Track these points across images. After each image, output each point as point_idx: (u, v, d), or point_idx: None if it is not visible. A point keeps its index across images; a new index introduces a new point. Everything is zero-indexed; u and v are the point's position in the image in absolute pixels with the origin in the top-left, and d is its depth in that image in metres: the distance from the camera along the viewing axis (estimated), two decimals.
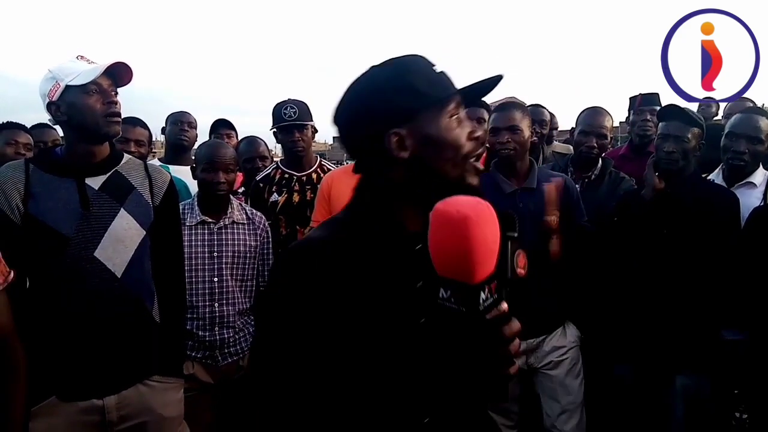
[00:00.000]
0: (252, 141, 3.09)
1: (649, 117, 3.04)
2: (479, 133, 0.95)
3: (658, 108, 3.04)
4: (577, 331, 2.22)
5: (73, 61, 1.59)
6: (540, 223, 2.06)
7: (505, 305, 0.76)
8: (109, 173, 1.65)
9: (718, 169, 2.37)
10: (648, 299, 2.07)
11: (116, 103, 1.59)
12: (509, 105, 2.29)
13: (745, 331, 1.98)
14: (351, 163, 2.32)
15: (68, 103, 1.56)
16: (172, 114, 3.08)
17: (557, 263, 2.07)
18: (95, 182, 1.61)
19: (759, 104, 3.40)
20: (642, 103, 3.14)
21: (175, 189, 1.82)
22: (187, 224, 2.12)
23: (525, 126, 2.14)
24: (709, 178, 2.35)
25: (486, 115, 3.02)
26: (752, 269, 1.90)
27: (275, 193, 2.60)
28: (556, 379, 2.16)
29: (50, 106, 1.59)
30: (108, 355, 1.59)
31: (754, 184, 2.20)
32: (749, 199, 2.12)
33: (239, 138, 3.46)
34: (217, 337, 2.13)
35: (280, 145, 2.77)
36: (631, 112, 3.26)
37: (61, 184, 1.57)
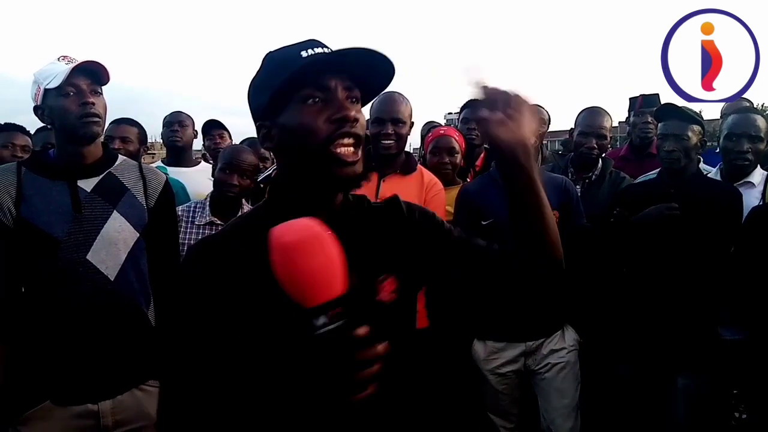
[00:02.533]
0: (252, 143, 3.17)
1: (650, 119, 3.18)
2: (343, 113, 0.88)
3: None
4: (576, 334, 2.32)
5: (54, 63, 1.63)
6: None
7: (361, 330, 0.75)
8: (102, 175, 1.69)
9: (716, 169, 2.49)
10: (648, 298, 2.17)
11: (91, 103, 1.61)
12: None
13: (744, 331, 2.09)
14: None
15: (49, 107, 1.62)
16: (165, 116, 3.17)
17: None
18: (88, 184, 1.65)
19: (758, 104, 3.56)
20: (643, 104, 3.28)
21: (170, 190, 1.87)
22: (196, 223, 2.23)
23: None
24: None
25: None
26: (751, 269, 2.00)
27: None
28: (552, 382, 2.26)
29: (36, 110, 1.66)
30: (103, 359, 1.62)
31: (753, 184, 2.32)
32: (748, 198, 2.23)
33: (235, 139, 3.54)
34: None
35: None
36: (632, 113, 3.40)
37: (53, 186, 1.61)
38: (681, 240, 2.12)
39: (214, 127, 3.55)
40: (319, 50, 0.90)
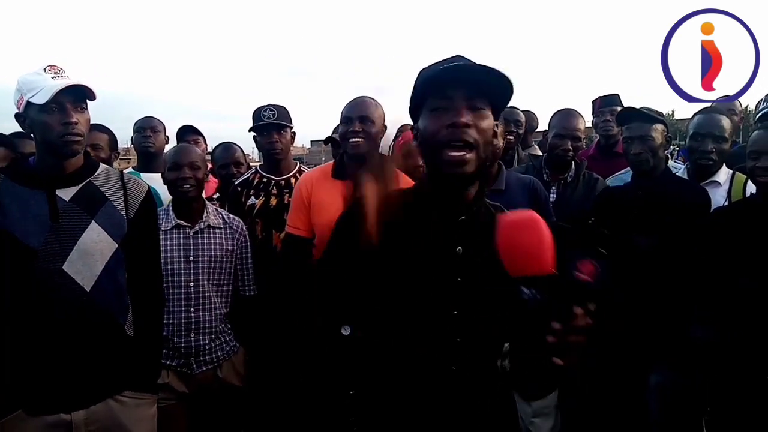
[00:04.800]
0: (227, 147, 3.31)
1: (609, 117, 3.39)
2: (456, 119, 1.11)
3: (617, 108, 3.41)
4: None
5: (39, 73, 1.69)
6: None
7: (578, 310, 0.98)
8: (82, 184, 1.75)
9: (683, 168, 2.67)
10: (622, 297, 2.25)
11: (74, 123, 1.67)
12: None
13: (712, 330, 2.20)
14: (328, 163, 2.56)
15: (31, 119, 1.69)
16: (136, 122, 3.30)
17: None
18: (66, 193, 1.71)
19: (745, 105, 3.72)
20: (601, 104, 3.46)
21: (152, 200, 1.92)
22: (162, 228, 2.28)
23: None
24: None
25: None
26: (714, 268, 2.12)
27: (252, 197, 2.81)
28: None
29: (18, 117, 1.74)
30: (77, 369, 1.68)
31: (719, 183, 2.48)
32: (714, 198, 2.38)
33: (211, 143, 3.70)
34: (193, 344, 2.28)
35: (259, 150, 3.00)
36: (593, 115, 3.60)
37: (32, 195, 1.68)
38: (651, 239, 2.25)
39: (188, 133, 3.70)
40: (454, 64, 1.12)
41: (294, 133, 2.95)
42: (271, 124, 2.81)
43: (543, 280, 0.97)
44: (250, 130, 2.92)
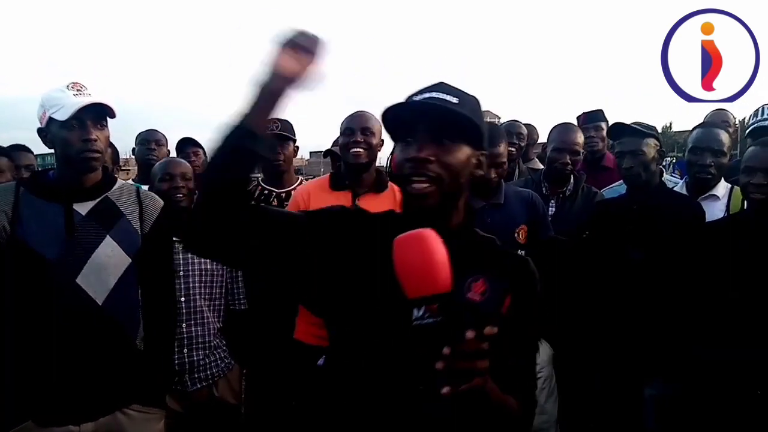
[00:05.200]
0: None
1: (593, 133, 3.45)
2: (415, 154, 1.13)
3: (602, 123, 3.49)
4: (551, 349, 2.49)
5: (62, 90, 1.74)
6: (508, 238, 2.33)
7: (469, 333, 0.90)
8: (99, 199, 1.80)
9: (681, 182, 2.69)
10: (618, 310, 2.33)
11: (93, 140, 1.73)
12: None
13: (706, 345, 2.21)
14: (325, 176, 2.58)
15: (52, 134, 1.75)
16: (139, 134, 3.35)
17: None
18: (83, 208, 1.77)
19: (757, 107, 3.75)
20: (585, 120, 3.49)
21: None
22: None
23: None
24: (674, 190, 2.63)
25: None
26: (705, 282, 2.14)
27: None
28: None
29: (40, 132, 1.80)
30: (87, 381, 1.71)
31: (717, 197, 2.50)
32: (713, 211, 2.42)
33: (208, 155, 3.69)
34: (186, 360, 2.27)
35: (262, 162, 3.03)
36: None
37: (49, 208, 1.73)
38: (645, 252, 2.29)
39: (188, 145, 3.68)
40: (426, 96, 1.15)
41: (297, 146, 2.98)
42: (274, 135, 2.82)
43: (434, 300, 0.95)
44: None
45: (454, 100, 1.13)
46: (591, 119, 3.55)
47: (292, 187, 2.91)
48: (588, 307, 2.45)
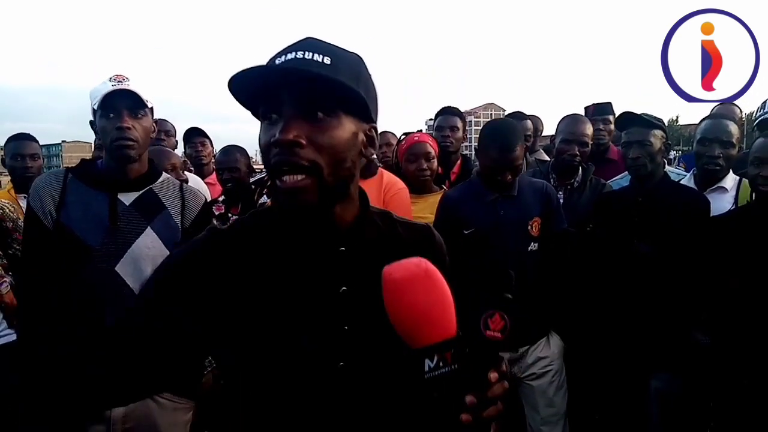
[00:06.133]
0: (225, 151, 3.29)
1: (601, 126, 3.46)
2: (281, 136, 0.85)
3: (610, 117, 3.49)
4: (561, 341, 2.50)
5: (104, 82, 1.81)
6: (521, 231, 2.34)
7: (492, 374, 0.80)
8: (143, 190, 1.86)
9: (689, 174, 2.72)
10: (622, 302, 2.36)
11: (126, 128, 1.77)
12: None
13: (713, 335, 2.26)
14: None
15: (96, 125, 1.84)
16: None
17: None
18: (127, 198, 1.82)
19: (758, 105, 3.82)
20: (594, 113, 3.54)
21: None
22: None
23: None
24: (681, 182, 2.67)
25: (459, 123, 3.38)
26: (717, 273, 2.18)
27: (265, 196, 2.87)
28: (537, 390, 2.42)
29: (91, 124, 1.87)
30: (120, 367, 1.76)
31: (726, 189, 2.54)
32: (721, 204, 2.45)
33: (215, 146, 3.73)
34: None
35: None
36: None
37: (95, 196, 1.79)
38: (652, 244, 2.31)
39: (195, 135, 3.74)
40: (289, 57, 0.89)
41: None
42: None
43: (445, 346, 0.79)
44: None
45: (326, 60, 0.87)
46: (599, 112, 3.57)
47: None
48: (595, 299, 2.47)
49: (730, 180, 2.56)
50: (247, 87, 0.88)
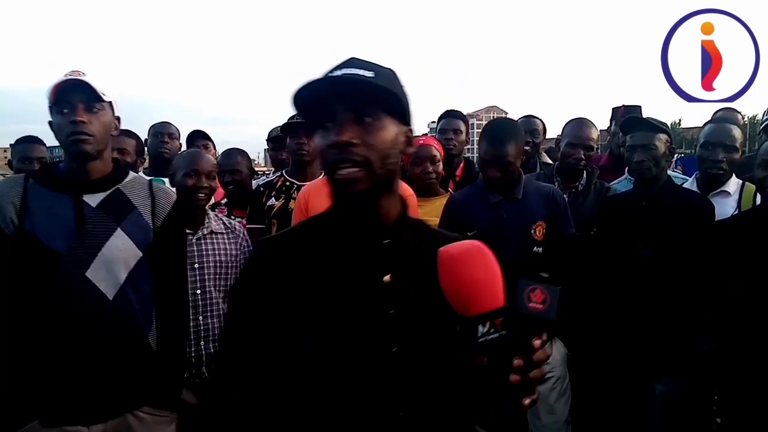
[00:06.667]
0: (226, 154, 3.33)
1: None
2: (336, 138, 1.02)
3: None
4: (564, 348, 2.49)
5: (59, 78, 1.69)
6: (524, 234, 2.35)
7: (536, 342, 0.93)
8: (110, 191, 1.77)
9: (692, 178, 2.74)
10: (626, 306, 2.36)
11: (80, 122, 1.67)
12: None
13: (718, 339, 2.27)
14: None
15: (52, 122, 1.73)
16: (152, 126, 3.35)
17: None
18: (93, 199, 1.73)
19: (761, 110, 3.85)
20: (624, 114, 3.53)
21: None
22: None
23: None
24: (684, 186, 2.66)
25: (462, 126, 3.38)
26: (721, 277, 2.20)
27: (273, 198, 2.86)
28: (539, 397, 2.43)
29: (50, 124, 1.76)
30: (97, 380, 1.67)
31: (729, 193, 2.55)
32: (724, 208, 2.46)
33: (218, 149, 3.74)
34: (203, 352, 2.28)
35: (287, 151, 3.03)
36: (613, 122, 3.65)
37: (59, 200, 1.69)
38: (656, 249, 2.32)
39: (198, 138, 3.74)
40: (338, 73, 1.04)
41: None
42: (302, 125, 2.83)
43: (496, 314, 0.93)
44: (282, 131, 2.97)
45: (369, 74, 1.04)
46: (630, 113, 3.57)
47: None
48: (599, 304, 2.47)
49: (733, 184, 2.57)
50: (306, 100, 1.04)
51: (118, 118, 1.86)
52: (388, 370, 1.05)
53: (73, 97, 1.69)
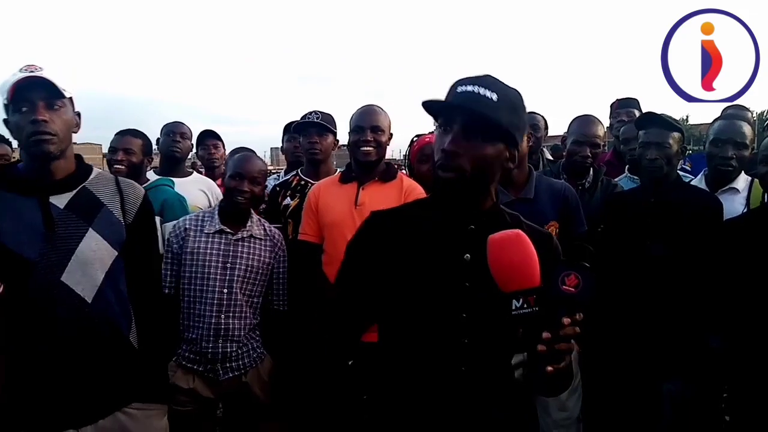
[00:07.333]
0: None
1: (625, 118, 3.50)
2: (448, 147, 1.22)
3: (635, 111, 3.52)
4: (576, 345, 2.51)
5: (14, 73, 1.60)
6: None
7: (565, 320, 1.08)
8: (76, 190, 1.69)
9: (701, 175, 2.74)
10: (635, 306, 2.36)
11: (42, 120, 1.58)
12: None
13: (727, 338, 2.27)
14: (338, 172, 2.63)
15: (9, 121, 1.64)
16: (165, 125, 3.34)
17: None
18: (60, 200, 1.65)
19: (759, 112, 3.89)
20: (618, 107, 3.58)
21: (149, 205, 1.87)
22: (205, 231, 2.38)
23: None
24: (692, 183, 2.69)
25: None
26: (731, 276, 2.19)
27: (288, 197, 2.88)
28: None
29: (5, 123, 1.67)
30: (82, 383, 1.64)
31: (737, 190, 2.56)
32: (733, 205, 2.46)
33: (226, 148, 3.76)
34: (220, 350, 2.33)
35: (303, 150, 3.03)
36: (610, 117, 3.69)
37: (24, 203, 1.61)
38: (665, 246, 2.33)
39: (208, 137, 3.79)
40: (468, 88, 1.22)
41: (338, 140, 3.01)
42: (313, 124, 2.85)
43: (531, 292, 1.09)
44: (294, 130, 2.99)
45: (494, 96, 1.19)
46: (623, 105, 3.62)
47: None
48: (607, 302, 2.43)
49: (742, 181, 2.57)
50: (436, 102, 1.25)
51: (79, 114, 1.76)
52: (456, 332, 1.27)
53: (32, 94, 1.59)
